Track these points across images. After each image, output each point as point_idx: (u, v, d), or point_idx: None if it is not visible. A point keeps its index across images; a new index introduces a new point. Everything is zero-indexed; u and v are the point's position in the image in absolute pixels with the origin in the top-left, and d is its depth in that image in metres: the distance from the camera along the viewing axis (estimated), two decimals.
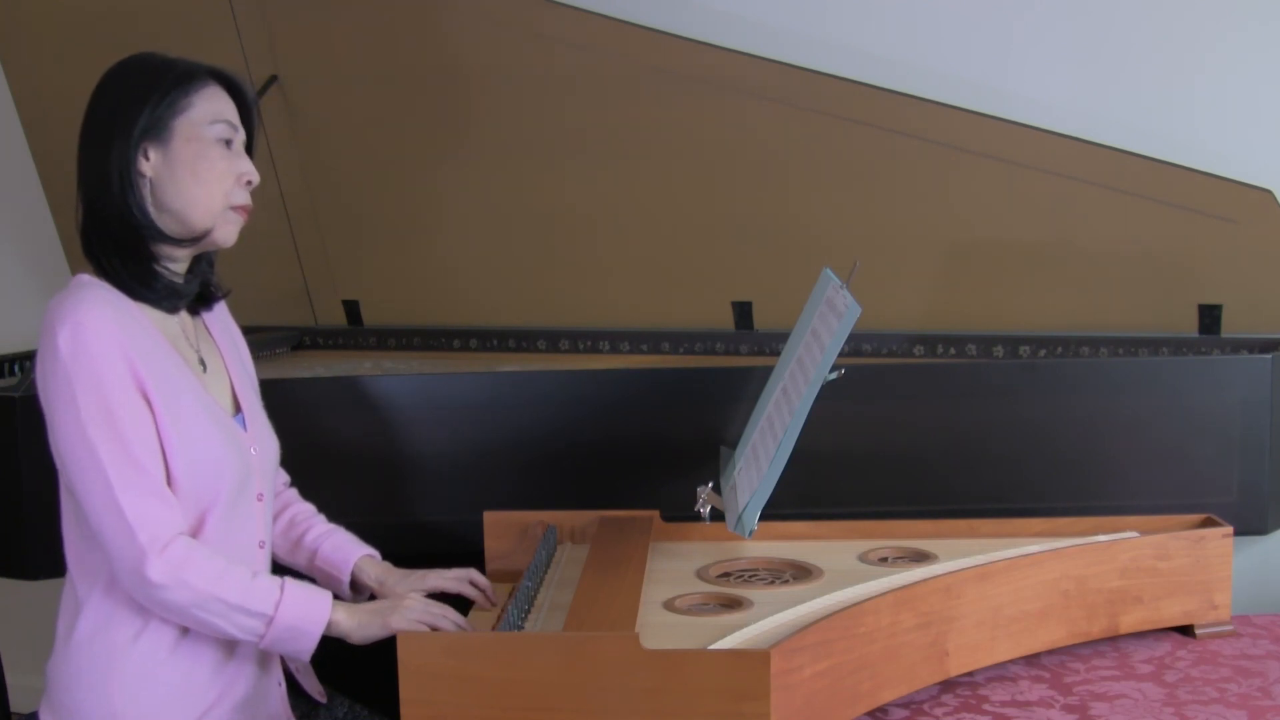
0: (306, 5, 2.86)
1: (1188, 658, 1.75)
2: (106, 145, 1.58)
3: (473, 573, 1.77)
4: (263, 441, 1.71)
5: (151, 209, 1.59)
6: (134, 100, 1.58)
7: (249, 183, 1.64)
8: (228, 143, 1.62)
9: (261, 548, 1.69)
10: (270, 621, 1.54)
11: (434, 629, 1.56)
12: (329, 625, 1.57)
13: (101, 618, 1.59)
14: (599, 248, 2.79)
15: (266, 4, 2.84)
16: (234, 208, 1.63)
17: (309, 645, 1.57)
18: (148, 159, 1.59)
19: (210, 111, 1.61)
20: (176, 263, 1.65)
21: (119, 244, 1.59)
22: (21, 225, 3.39)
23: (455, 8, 2.71)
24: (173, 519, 1.53)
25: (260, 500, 1.68)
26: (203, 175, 1.60)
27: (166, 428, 1.55)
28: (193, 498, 1.57)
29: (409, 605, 1.59)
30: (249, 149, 1.68)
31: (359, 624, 1.58)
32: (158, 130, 1.58)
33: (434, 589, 1.74)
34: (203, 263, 1.70)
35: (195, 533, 1.58)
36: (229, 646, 1.65)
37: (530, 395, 2.22)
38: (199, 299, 1.71)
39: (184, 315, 1.69)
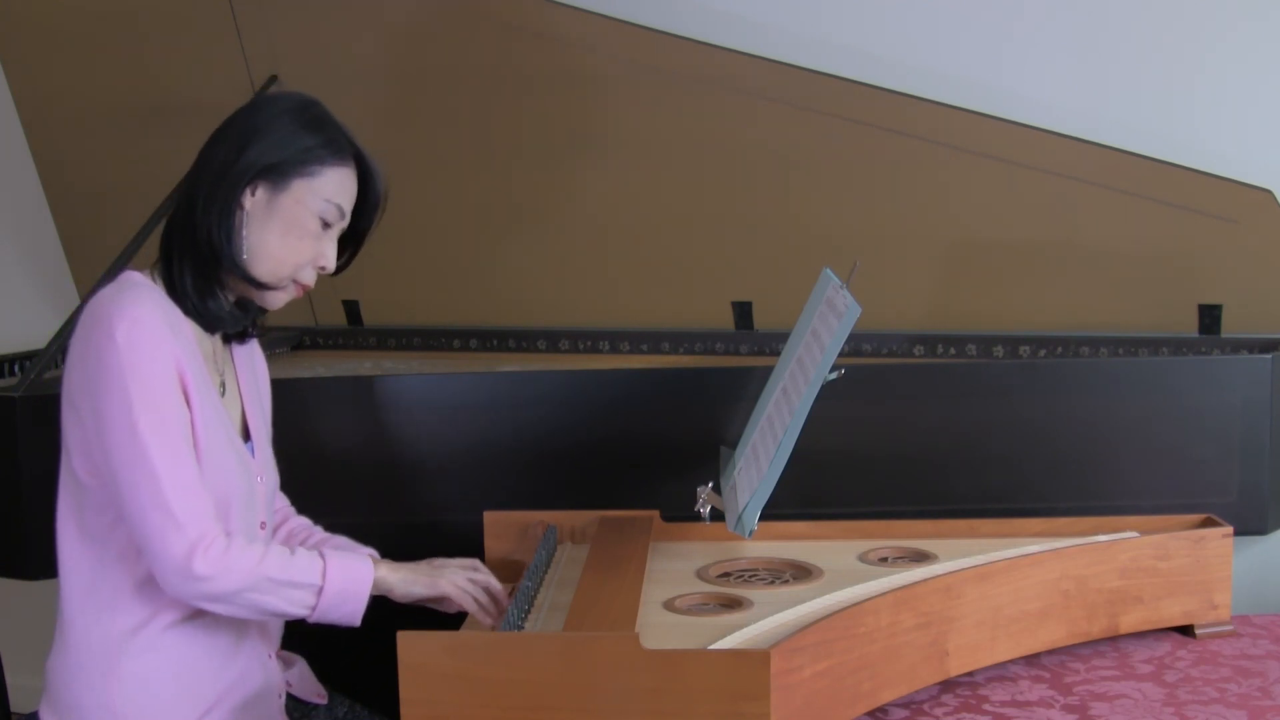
0: (306, 5, 2.86)
1: (1188, 658, 1.75)
2: (230, 160, 1.59)
3: (476, 567, 1.73)
4: (268, 472, 1.73)
5: (242, 241, 1.60)
6: (276, 136, 1.60)
7: (322, 267, 1.66)
8: (327, 224, 1.63)
9: None
10: (320, 591, 1.56)
11: (476, 600, 1.64)
12: (375, 584, 1.60)
13: (100, 614, 1.59)
14: (599, 247, 2.79)
15: (266, 4, 2.84)
16: (296, 281, 1.65)
17: (358, 608, 1.59)
18: (254, 195, 1.60)
19: (331, 189, 1.63)
20: (234, 294, 1.67)
21: (196, 254, 1.61)
22: (21, 225, 3.39)
23: (455, 7, 2.71)
24: (214, 514, 1.54)
25: (263, 528, 1.69)
26: (290, 241, 1.62)
27: (197, 436, 1.56)
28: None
29: (454, 569, 1.66)
30: (357, 242, 1.71)
31: (402, 579, 1.63)
32: (277, 176, 1.60)
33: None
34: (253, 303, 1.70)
35: None
36: (230, 646, 1.65)
37: (530, 395, 2.22)
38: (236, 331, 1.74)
39: (216, 339, 1.70)
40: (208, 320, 1.64)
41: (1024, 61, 2.58)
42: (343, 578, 1.58)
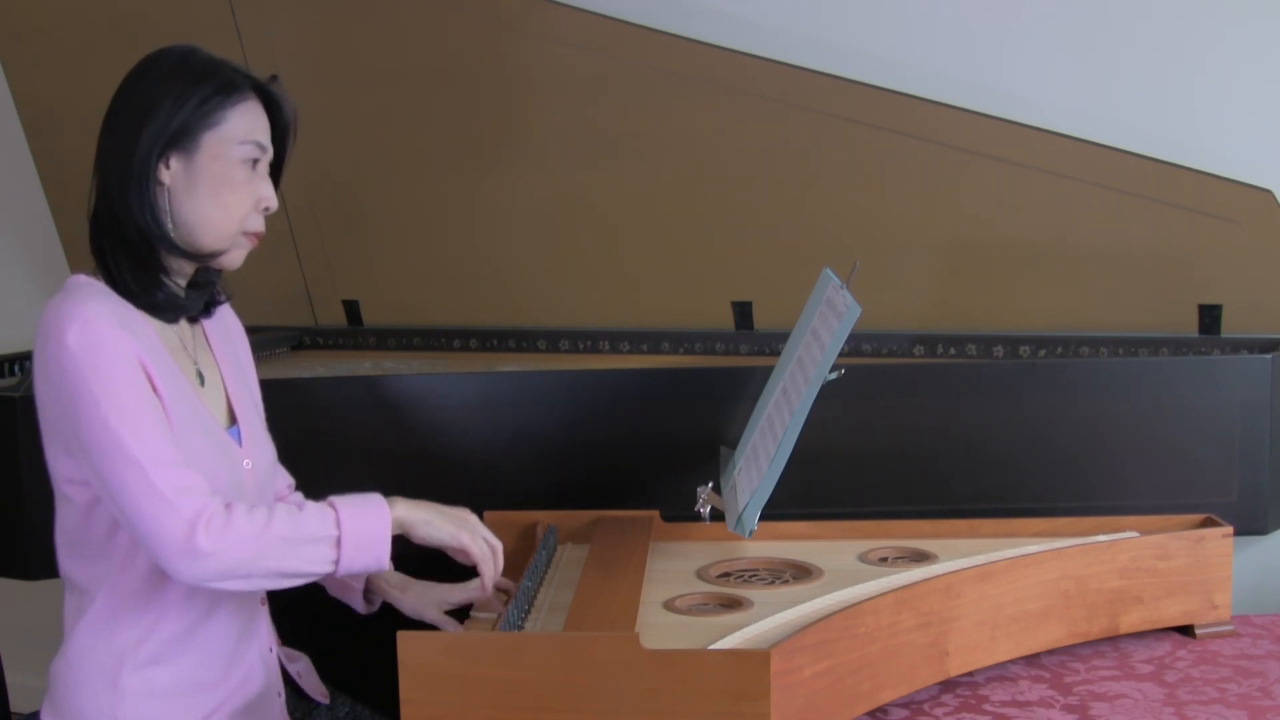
0: (306, 5, 2.86)
1: (1188, 658, 1.75)
2: (131, 142, 1.52)
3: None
4: (257, 455, 1.67)
5: (167, 219, 1.55)
6: (168, 102, 1.52)
7: (266, 209, 1.60)
8: (254, 162, 1.57)
9: None
10: (338, 541, 1.48)
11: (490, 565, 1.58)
12: (395, 523, 1.52)
13: (104, 625, 1.57)
14: (599, 247, 2.79)
15: (266, 4, 2.84)
16: (246, 233, 1.59)
17: (383, 552, 1.50)
18: (169, 168, 1.53)
19: (242, 130, 1.55)
20: (183, 276, 1.62)
21: (129, 248, 1.55)
22: (21, 225, 3.39)
23: (455, 7, 2.71)
24: (205, 487, 1.47)
25: None
26: (223, 197, 1.55)
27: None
28: None
29: (475, 523, 1.59)
30: (279, 169, 1.64)
31: (425, 519, 1.55)
32: (184, 141, 1.53)
33: (460, 602, 1.72)
34: (209, 272, 1.65)
35: None
36: (231, 654, 1.63)
37: (530, 395, 2.22)
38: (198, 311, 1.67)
39: (183, 323, 1.65)
40: (162, 311, 1.58)
41: (1024, 61, 2.58)
42: (359, 524, 1.49)
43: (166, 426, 1.49)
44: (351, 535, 1.48)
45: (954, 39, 2.62)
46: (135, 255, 1.55)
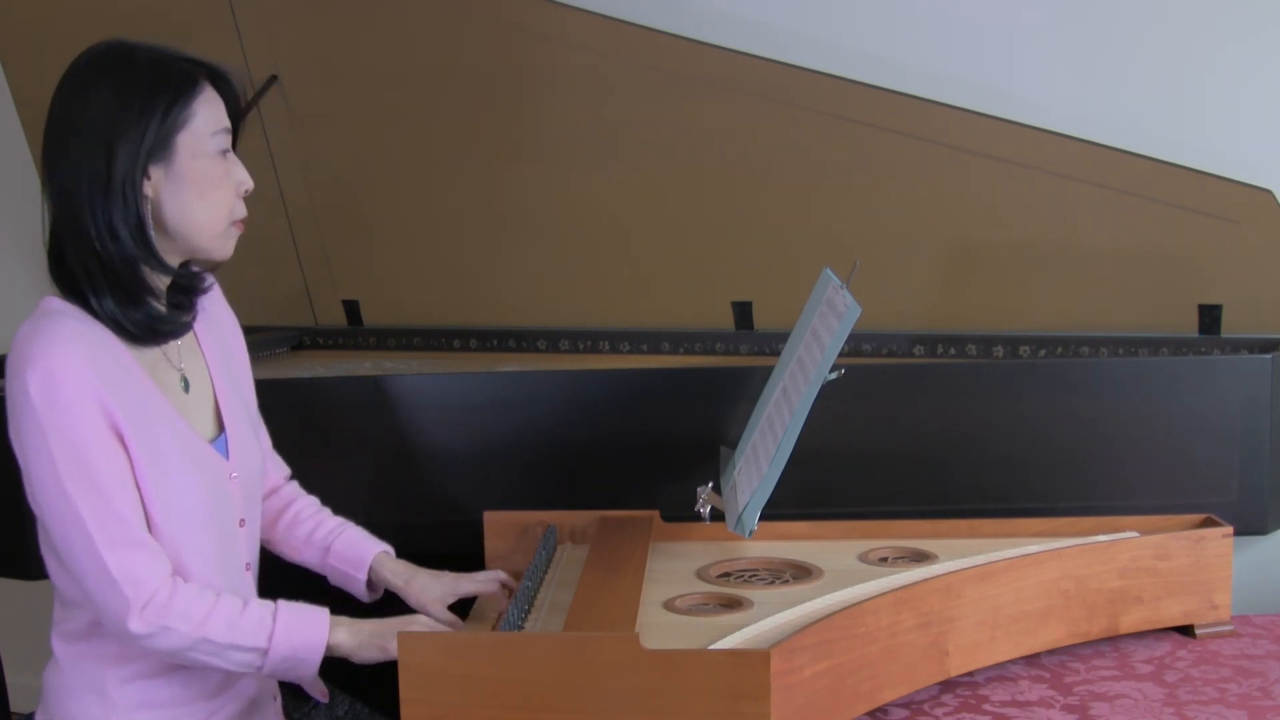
0: (306, 5, 2.86)
1: (1188, 658, 1.75)
2: (104, 164, 1.45)
3: (500, 575, 1.75)
4: (245, 465, 1.63)
5: (152, 233, 1.50)
6: (134, 112, 1.46)
7: (245, 191, 1.55)
8: (225, 150, 1.53)
9: (248, 570, 1.65)
10: (265, 653, 1.50)
11: None
12: (329, 648, 1.53)
13: (92, 638, 1.56)
14: (599, 247, 2.79)
15: (266, 4, 2.84)
16: (234, 222, 1.55)
17: (310, 672, 1.53)
18: (149, 179, 1.48)
19: (210, 120, 1.51)
20: (163, 290, 1.56)
21: (111, 273, 1.49)
22: (21, 225, 3.39)
23: (456, 8, 2.71)
24: (156, 566, 1.47)
25: (242, 526, 1.63)
26: (209, 196, 1.51)
27: (142, 469, 1.48)
28: (171, 536, 1.51)
29: (418, 624, 1.57)
30: (234, 142, 1.58)
31: (360, 644, 1.54)
32: (162, 149, 1.47)
33: (466, 594, 1.72)
34: (189, 278, 1.59)
35: (178, 569, 1.52)
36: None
37: (530, 395, 2.22)
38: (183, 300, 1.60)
39: None
40: (147, 336, 1.53)
41: (1024, 61, 2.58)
42: (291, 642, 1.51)
43: (129, 489, 1.47)
44: (279, 652, 1.51)
45: (954, 39, 2.62)
46: (117, 279, 1.49)
